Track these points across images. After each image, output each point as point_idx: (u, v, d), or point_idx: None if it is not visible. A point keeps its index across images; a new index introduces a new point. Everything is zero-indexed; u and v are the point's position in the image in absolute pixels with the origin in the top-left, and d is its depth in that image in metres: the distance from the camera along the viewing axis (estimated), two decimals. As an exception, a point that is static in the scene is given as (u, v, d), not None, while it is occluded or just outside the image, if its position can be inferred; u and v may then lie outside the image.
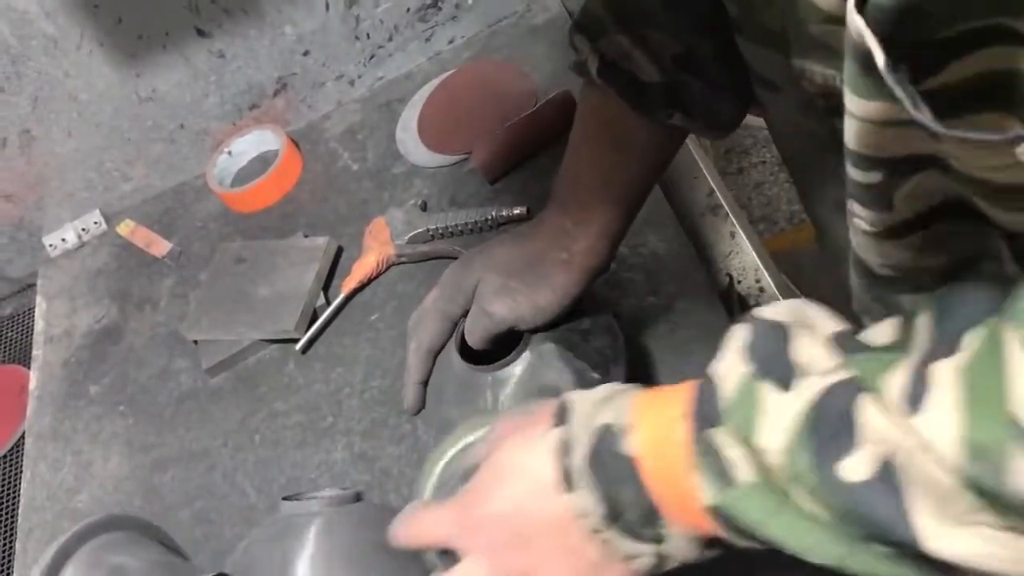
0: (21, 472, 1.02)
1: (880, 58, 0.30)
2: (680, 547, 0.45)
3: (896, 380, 0.36)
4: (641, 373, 0.82)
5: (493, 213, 0.96)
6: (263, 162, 1.20)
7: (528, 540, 0.48)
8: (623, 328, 0.76)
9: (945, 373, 0.34)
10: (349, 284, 0.99)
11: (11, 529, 1.03)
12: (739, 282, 1.02)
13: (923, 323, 0.38)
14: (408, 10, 1.16)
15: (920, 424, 0.34)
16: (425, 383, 0.75)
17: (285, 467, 0.90)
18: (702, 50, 0.63)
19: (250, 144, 1.21)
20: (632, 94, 0.64)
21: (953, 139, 0.31)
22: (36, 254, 1.23)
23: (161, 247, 1.16)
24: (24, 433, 1.06)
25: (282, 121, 1.22)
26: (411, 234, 0.99)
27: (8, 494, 1.08)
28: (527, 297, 0.68)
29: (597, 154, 0.68)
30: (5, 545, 1.03)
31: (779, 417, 0.39)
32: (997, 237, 0.40)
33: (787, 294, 1.02)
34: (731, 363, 0.42)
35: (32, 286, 1.24)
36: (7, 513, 1.06)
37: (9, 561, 1.00)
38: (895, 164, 0.38)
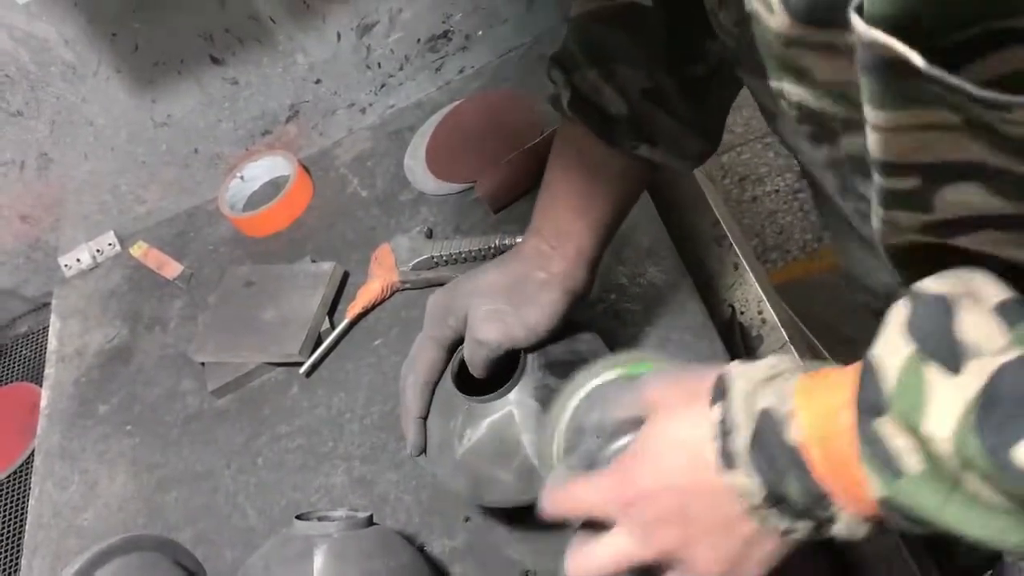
0: (29, 489, 1.04)
1: (919, 60, 0.30)
2: (849, 527, 0.45)
3: None
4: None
5: (496, 242, 0.98)
6: (274, 187, 1.22)
7: (683, 516, 0.48)
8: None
9: None
10: (354, 309, 1.00)
11: (18, 546, 1.04)
12: (742, 313, 1.03)
13: None
14: (419, 40, 1.18)
15: None
16: (425, 418, 0.75)
17: (286, 490, 0.91)
18: (668, 86, 0.65)
19: (262, 169, 1.23)
20: (600, 126, 0.66)
21: (1016, 114, 0.31)
22: (51, 274, 1.26)
23: (172, 269, 1.18)
24: (33, 451, 1.08)
25: (294, 147, 1.24)
26: (416, 261, 1.00)
27: (16, 511, 1.09)
28: (516, 318, 0.69)
29: (571, 183, 0.70)
30: (12, 562, 1.04)
31: (948, 403, 0.37)
32: None
33: (789, 326, 1.02)
34: (893, 344, 0.40)
35: (47, 305, 1.26)
36: (15, 530, 1.07)
37: (15, 577, 1.01)
38: (928, 169, 0.38)
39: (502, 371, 0.72)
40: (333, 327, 1.01)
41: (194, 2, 1.05)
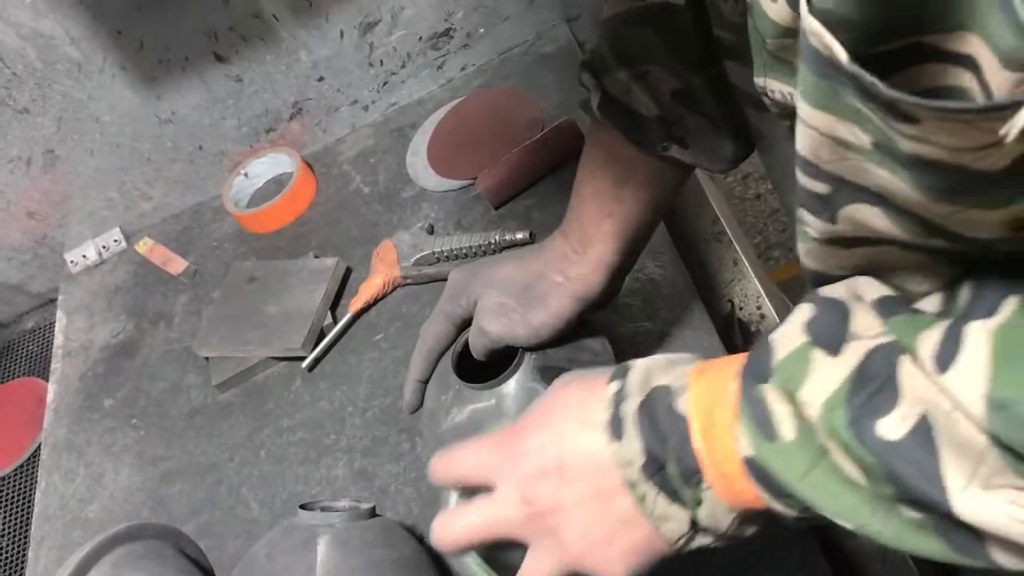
0: (36, 482, 1.05)
1: (842, 55, 0.31)
2: (715, 515, 0.46)
3: (929, 340, 0.37)
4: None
5: (496, 237, 0.99)
6: (278, 184, 1.23)
7: (564, 476, 0.49)
8: (617, 352, 0.78)
9: (977, 333, 0.35)
10: (356, 304, 1.01)
11: (25, 538, 1.06)
12: (740, 308, 1.03)
13: (965, 288, 0.38)
14: (421, 38, 1.19)
15: (949, 381, 0.35)
16: (424, 382, 0.76)
17: (288, 482, 0.92)
18: (698, 86, 0.65)
19: (266, 166, 1.24)
20: (629, 127, 0.66)
21: (930, 116, 0.31)
22: (58, 270, 1.27)
23: (177, 265, 1.19)
24: (40, 444, 1.09)
25: (298, 144, 1.25)
26: (417, 256, 1.01)
27: (23, 503, 1.11)
28: (522, 317, 0.70)
29: (599, 187, 0.69)
30: (19, 554, 1.06)
31: (826, 377, 0.40)
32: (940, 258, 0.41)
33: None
34: (790, 333, 0.43)
35: (53, 301, 1.27)
36: (21, 522, 1.09)
37: (21, 570, 1.02)
38: (838, 182, 0.39)
39: (504, 360, 0.73)
40: (335, 322, 1.02)
41: (198, 0, 1.06)
